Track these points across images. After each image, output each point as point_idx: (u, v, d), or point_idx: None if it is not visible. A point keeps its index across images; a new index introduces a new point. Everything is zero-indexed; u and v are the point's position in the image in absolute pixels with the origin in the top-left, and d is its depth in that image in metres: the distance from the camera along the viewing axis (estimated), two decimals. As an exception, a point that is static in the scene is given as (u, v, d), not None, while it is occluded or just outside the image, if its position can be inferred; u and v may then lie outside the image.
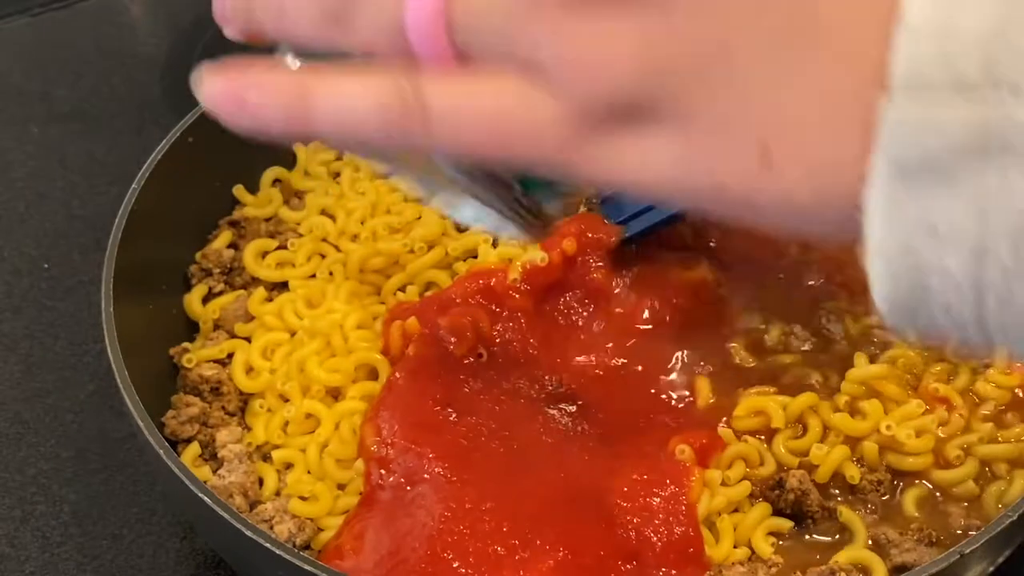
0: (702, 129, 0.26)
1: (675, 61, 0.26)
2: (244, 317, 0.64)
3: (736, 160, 0.26)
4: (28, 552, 0.60)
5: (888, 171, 0.24)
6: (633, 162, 0.27)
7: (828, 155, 0.25)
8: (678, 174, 0.27)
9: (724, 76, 0.26)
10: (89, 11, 0.99)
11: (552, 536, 0.52)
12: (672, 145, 0.27)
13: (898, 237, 0.25)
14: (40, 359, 0.70)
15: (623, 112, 0.27)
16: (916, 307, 0.26)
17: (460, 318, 0.59)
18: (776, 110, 0.26)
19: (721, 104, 0.26)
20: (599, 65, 0.26)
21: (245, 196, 0.70)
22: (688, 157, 0.27)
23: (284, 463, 0.58)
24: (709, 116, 0.26)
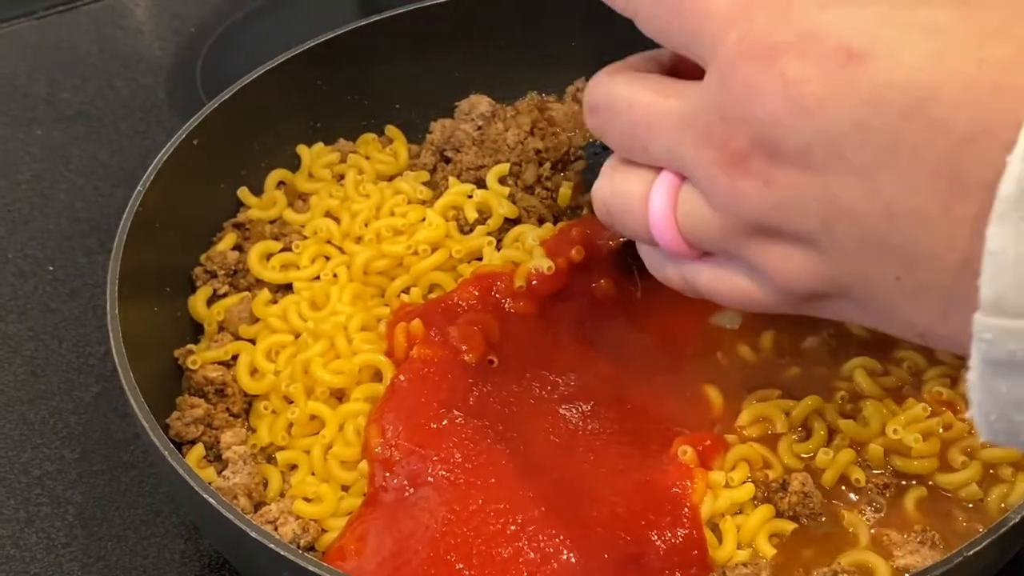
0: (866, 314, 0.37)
1: (836, 281, 0.36)
2: (248, 319, 0.65)
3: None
4: (33, 553, 0.61)
5: (982, 363, 0.31)
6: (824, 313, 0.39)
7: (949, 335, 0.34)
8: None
9: (866, 294, 0.35)
10: (94, 14, 0.99)
11: (556, 539, 0.52)
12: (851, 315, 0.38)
13: (993, 406, 0.32)
14: (45, 361, 0.71)
15: (809, 296, 0.37)
16: (1009, 440, 0.33)
17: (470, 326, 0.59)
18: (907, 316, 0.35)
19: (871, 311, 0.37)
20: (788, 276, 0.36)
21: (249, 198, 0.71)
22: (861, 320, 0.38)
23: (288, 465, 0.58)
24: (865, 313, 0.37)
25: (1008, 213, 0.29)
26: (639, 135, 0.39)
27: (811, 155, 0.33)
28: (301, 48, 0.72)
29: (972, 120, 0.31)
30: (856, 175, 0.33)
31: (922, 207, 0.32)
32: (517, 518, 0.53)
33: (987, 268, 0.30)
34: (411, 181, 0.72)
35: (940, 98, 0.31)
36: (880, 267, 0.34)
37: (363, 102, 0.76)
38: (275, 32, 0.96)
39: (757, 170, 0.35)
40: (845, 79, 0.32)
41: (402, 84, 0.76)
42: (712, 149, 0.36)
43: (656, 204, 0.39)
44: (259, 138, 0.72)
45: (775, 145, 0.34)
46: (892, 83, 0.32)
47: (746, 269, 0.38)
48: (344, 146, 0.75)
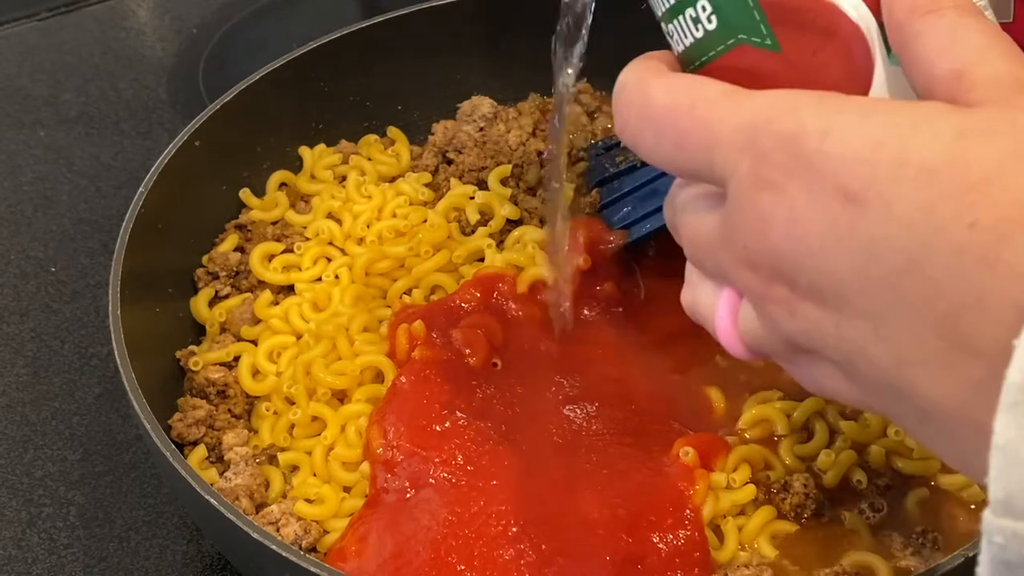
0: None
1: (874, 407, 0.35)
2: (250, 320, 0.65)
3: None
4: (35, 554, 0.61)
5: (993, 563, 0.28)
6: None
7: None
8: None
9: (902, 425, 0.34)
10: (96, 15, 0.99)
11: (557, 539, 0.52)
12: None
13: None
14: (47, 362, 0.71)
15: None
16: None
17: (473, 329, 0.59)
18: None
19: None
20: (833, 392, 0.35)
21: (251, 200, 0.71)
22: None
23: (290, 466, 0.58)
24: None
25: (1018, 404, 0.27)
26: (697, 254, 0.39)
27: (822, 293, 0.32)
28: (303, 49, 0.72)
29: (965, 290, 0.29)
30: (864, 319, 0.31)
31: (928, 362, 0.30)
32: (518, 520, 0.53)
33: (995, 465, 0.28)
34: (413, 182, 0.72)
35: (933, 261, 0.29)
36: (901, 409, 0.33)
37: (365, 103, 0.76)
38: (277, 34, 0.96)
39: (781, 298, 0.34)
40: (844, 224, 0.31)
41: (404, 85, 0.76)
42: (746, 271, 0.35)
43: (720, 320, 0.39)
44: (261, 139, 0.72)
45: (790, 278, 0.33)
46: (887, 237, 0.30)
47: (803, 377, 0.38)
48: (346, 147, 0.75)
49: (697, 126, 0.35)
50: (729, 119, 0.34)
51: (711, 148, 0.35)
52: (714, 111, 0.35)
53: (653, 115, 0.37)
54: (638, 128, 0.38)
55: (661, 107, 0.37)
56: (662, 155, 0.37)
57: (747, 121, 0.34)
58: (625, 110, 0.38)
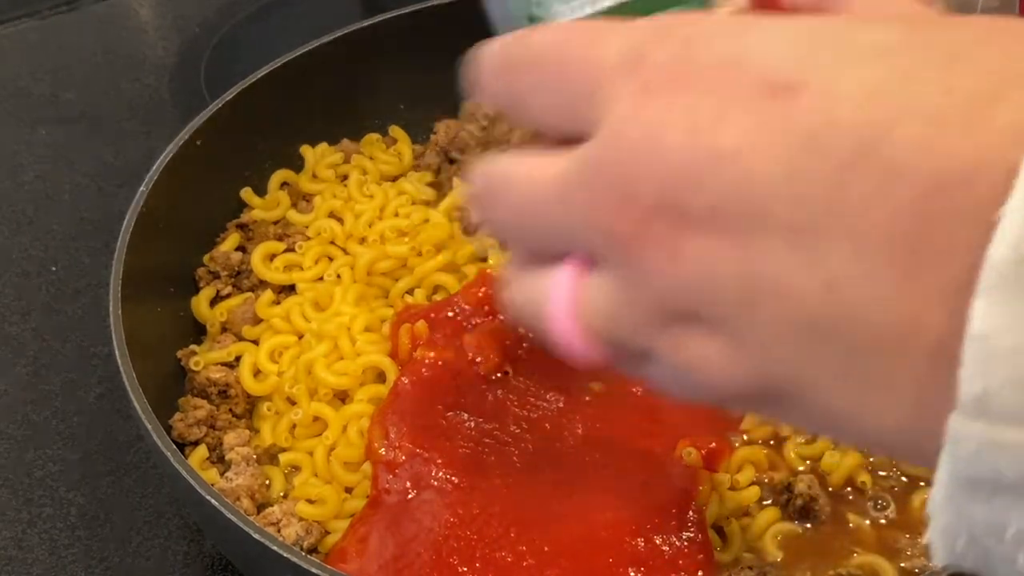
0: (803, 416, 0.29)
1: (762, 380, 0.28)
2: (252, 320, 0.64)
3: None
4: (35, 555, 0.60)
5: (954, 480, 0.24)
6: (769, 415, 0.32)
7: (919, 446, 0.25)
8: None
9: (804, 396, 0.27)
10: (98, 14, 0.99)
11: (559, 541, 0.52)
12: (796, 420, 0.30)
13: (962, 530, 0.25)
14: (48, 361, 0.70)
15: (739, 398, 0.29)
16: (978, 567, 0.25)
17: (486, 335, 0.59)
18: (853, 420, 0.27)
19: (816, 417, 0.28)
20: (706, 375, 0.28)
21: (253, 199, 0.71)
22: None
23: (291, 466, 0.58)
24: (810, 419, 0.29)
25: (1002, 285, 0.22)
26: (525, 218, 0.31)
27: (726, 215, 0.26)
28: (305, 48, 0.72)
29: (940, 166, 0.23)
30: (784, 239, 0.25)
31: (874, 278, 0.24)
32: (520, 521, 0.52)
33: (970, 357, 0.23)
34: (415, 182, 0.71)
35: (894, 138, 0.24)
36: (818, 361, 0.26)
37: (367, 102, 0.76)
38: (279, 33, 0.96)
39: (660, 239, 0.27)
40: (770, 119, 0.25)
41: (406, 84, 0.76)
42: (605, 216, 0.28)
43: (554, 305, 0.31)
44: (262, 139, 0.72)
45: (681, 205, 0.26)
46: (831, 122, 0.25)
47: (671, 368, 0.30)
48: (348, 146, 0.75)
49: (580, 52, 0.30)
50: (615, 41, 0.29)
51: (594, 74, 0.29)
52: (599, 33, 0.30)
53: (536, 54, 0.31)
54: (520, 76, 0.32)
55: (543, 43, 0.31)
56: (542, 100, 0.31)
57: (637, 39, 0.28)
58: (506, 62, 0.32)
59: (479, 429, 0.56)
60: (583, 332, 0.31)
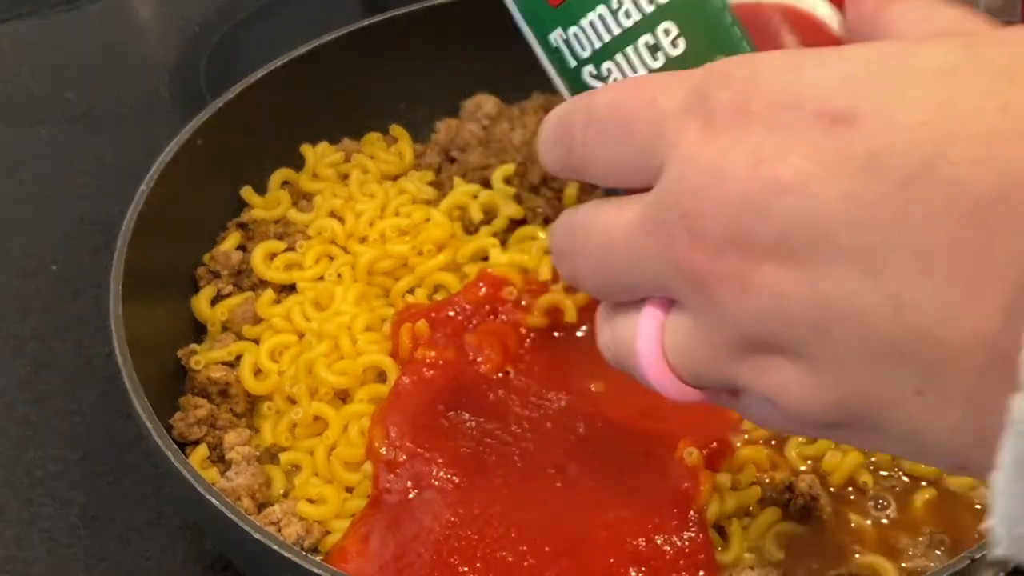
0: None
1: (843, 405, 0.28)
2: (252, 319, 0.64)
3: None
4: (36, 554, 0.60)
5: (1018, 465, 0.24)
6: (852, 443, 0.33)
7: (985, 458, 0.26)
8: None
9: (884, 418, 0.28)
10: (98, 13, 0.99)
11: (560, 541, 0.52)
12: (879, 446, 0.31)
13: (1015, 520, 0.25)
14: (48, 361, 0.70)
15: (823, 425, 0.30)
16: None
17: (488, 336, 0.59)
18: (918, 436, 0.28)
19: (897, 438, 0.29)
20: (789, 402, 0.29)
21: (253, 198, 0.70)
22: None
23: (292, 465, 0.58)
24: (892, 441, 0.29)
25: None
26: (605, 265, 0.32)
27: (792, 244, 0.27)
28: (306, 48, 0.72)
29: (997, 177, 0.24)
30: (850, 263, 0.26)
31: (940, 294, 0.25)
32: (521, 521, 0.52)
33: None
34: (416, 181, 0.71)
35: (951, 156, 0.25)
36: (893, 381, 0.27)
37: (368, 101, 0.75)
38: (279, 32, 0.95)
39: (729, 272, 0.28)
40: (830, 148, 0.26)
41: (407, 83, 0.76)
42: (676, 254, 0.29)
43: (642, 346, 0.32)
44: (263, 138, 0.72)
45: (748, 237, 0.27)
46: (889, 145, 0.25)
47: (758, 399, 0.31)
48: (348, 146, 0.75)
49: (643, 104, 0.31)
50: (676, 88, 0.30)
51: (658, 122, 0.30)
52: (660, 83, 0.31)
53: (598, 115, 0.32)
54: (584, 138, 0.33)
55: (604, 104, 0.32)
56: (610, 154, 0.32)
57: (697, 83, 0.29)
58: (568, 127, 0.33)
59: (480, 429, 0.56)
60: (670, 366, 0.32)
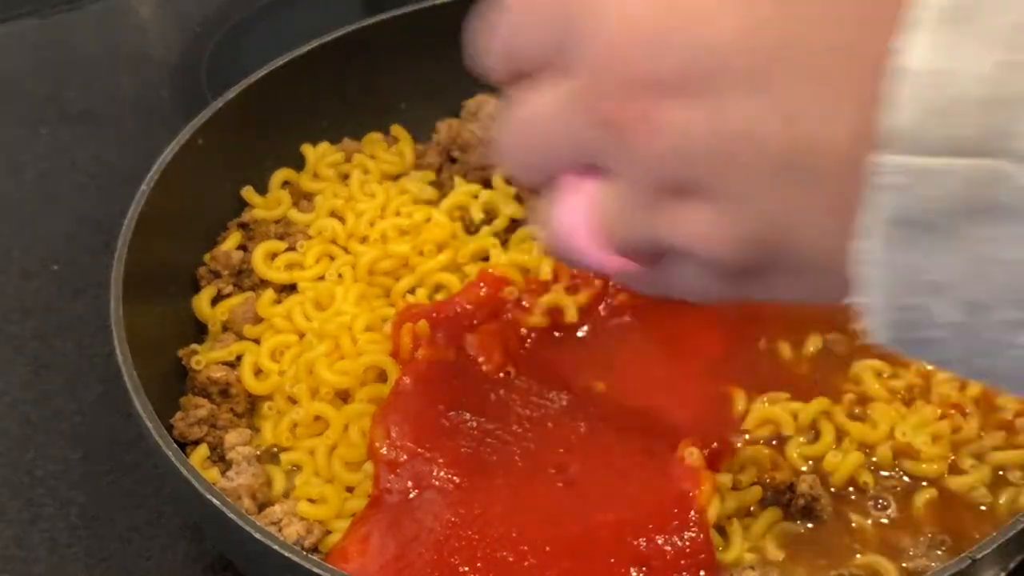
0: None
1: (753, 239, 0.30)
2: (253, 319, 0.64)
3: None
4: (36, 554, 0.60)
5: (882, 226, 0.25)
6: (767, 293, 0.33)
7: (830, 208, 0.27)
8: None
9: (788, 246, 0.29)
10: (99, 13, 0.99)
11: (561, 541, 0.52)
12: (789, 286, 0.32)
13: (899, 287, 0.26)
14: (49, 361, 0.70)
15: (742, 271, 0.31)
16: (907, 343, 0.28)
17: (489, 336, 0.59)
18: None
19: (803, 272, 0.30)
20: (703, 245, 0.30)
21: (254, 198, 0.70)
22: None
23: (292, 465, 0.58)
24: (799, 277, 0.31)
25: (928, 18, 0.24)
26: (535, 140, 0.34)
27: (691, 77, 0.28)
28: (306, 47, 0.72)
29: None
30: (742, 86, 0.28)
31: (821, 98, 0.27)
32: (521, 522, 0.52)
33: (902, 88, 0.24)
34: (417, 181, 0.71)
35: None
36: (793, 198, 0.28)
37: (368, 101, 0.75)
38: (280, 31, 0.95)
39: (637, 113, 0.29)
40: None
41: (408, 83, 0.76)
42: (589, 103, 0.30)
43: (564, 215, 0.33)
44: (264, 137, 0.72)
45: (653, 76, 0.29)
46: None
47: (678, 259, 0.32)
48: (349, 145, 0.74)
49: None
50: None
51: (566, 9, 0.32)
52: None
53: (512, 17, 0.35)
54: (505, 38, 0.35)
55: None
56: (528, 45, 0.34)
57: None
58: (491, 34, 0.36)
59: (481, 429, 0.56)
60: (599, 237, 0.33)
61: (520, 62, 0.35)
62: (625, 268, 0.34)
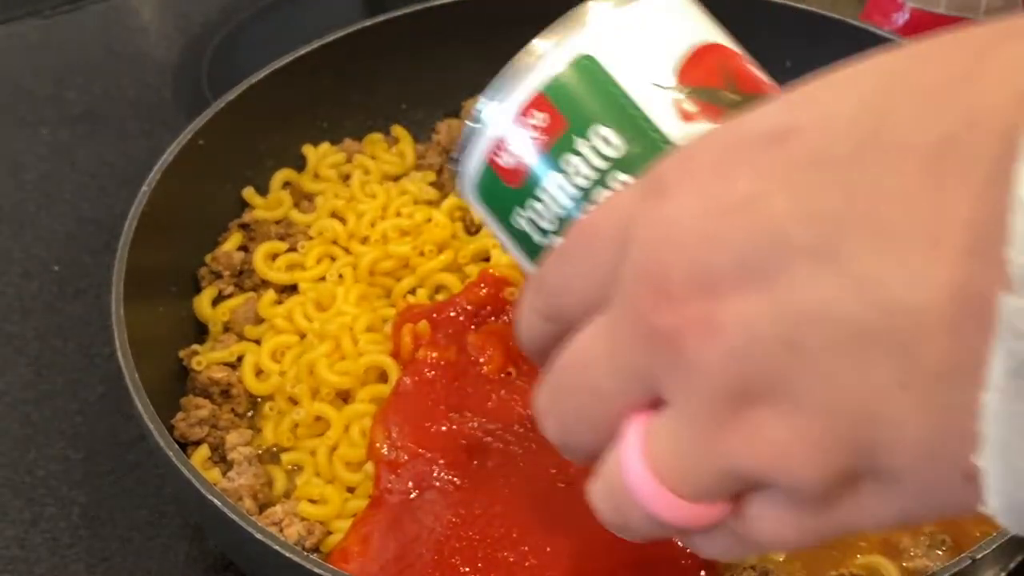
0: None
1: (838, 443, 0.25)
2: (254, 319, 0.64)
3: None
4: (38, 554, 0.60)
5: (1004, 379, 0.22)
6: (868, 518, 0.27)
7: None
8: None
9: (878, 444, 0.25)
10: (100, 13, 0.99)
11: (562, 543, 0.52)
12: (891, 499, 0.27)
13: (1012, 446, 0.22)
14: (50, 361, 0.70)
15: (828, 493, 0.27)
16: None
17: (490, 335, 0.59)
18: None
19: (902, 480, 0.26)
20: (782, 463, 0.26)
21: (255, 198, 0.70)
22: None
23: (293, 465, 0.58)
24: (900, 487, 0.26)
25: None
26: (586, 381, 0.29)
27: (751, 264, 0.25)
28: (307, 48, 0.72)
29: (945, 121, 0.23)
30: (806, 261, 0.24)
31: (900, 259, 0.23)
32: (522, 522, 0.52)
33: (1020, 223, 0.21)
34: (417, 181, 0.71)
35: (894, 119, 0.24)
36: (875, 380, 0.24)
37: (369, 102, 0.76)
38: (281, 32, 0.95)
39: (696, 317, 0.26)
40: (774, 162, 0.25)
41: (408, 84, 0.76)
42: (645, 319, 0.27)
43: (626, 463, 0.28)
44: (265, 138, 0.72)
45: (709, 273, 0.26)
46: (830, 137, 0.25)
47: (756, 496, 0.28)
48: (350, 146, 0.75)
49: (602, 216, 0.30)
50: (618, 204, 0.30)
51: (617, 217, 0.29)
52: (606, 204, 0.30)
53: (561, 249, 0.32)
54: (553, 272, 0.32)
55: (564, 239, 0.32)
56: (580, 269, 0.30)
57: (641, 183, 0.29)
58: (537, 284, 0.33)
59: (482, 429, 0.56)
60: (664, 484, 0.28)
61: (563, 315, 0.31)
62: (700, 517, 0.28)
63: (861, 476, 0.26)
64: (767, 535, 0.28)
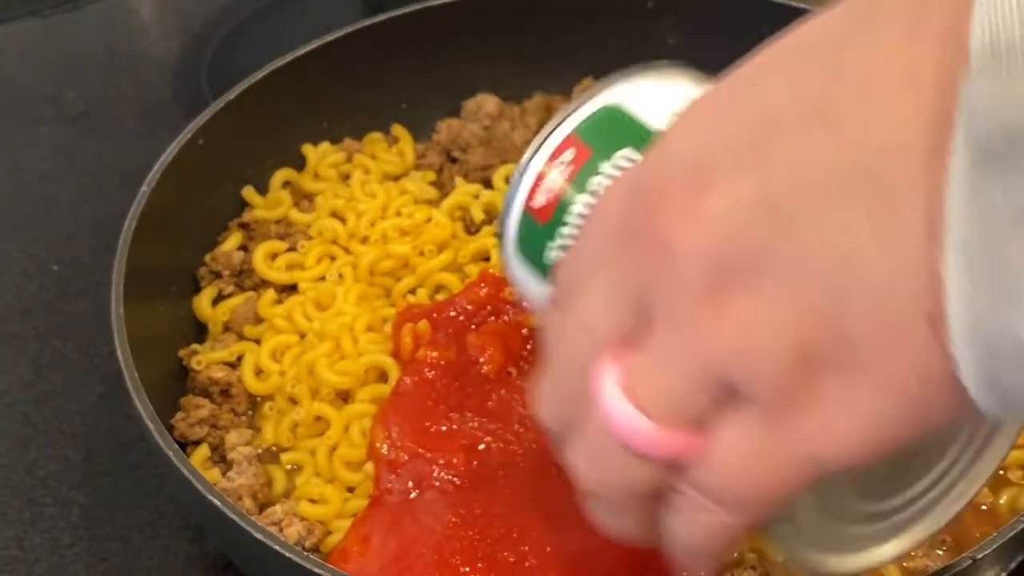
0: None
1: (807, 329, 0.26)
2: (254, 319, 0.64)
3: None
4: (37, 554, 0.60)
5: (971, 157, 0.22)
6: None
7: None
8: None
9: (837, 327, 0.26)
10: (99, 13, 0.99)
11: (562, 543, 0.52)
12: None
13: (982, 234, 0.23)
14: (49, 361, 0.70)
15: (797, 378, 0.27)
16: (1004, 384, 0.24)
17: (491, 336, 0.59)
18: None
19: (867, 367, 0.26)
20: (758, 334, 0.27)
21: (255, 198, 0.70)
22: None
23: (293, 465, 0.58)
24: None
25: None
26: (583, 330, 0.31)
27: (743, 148, 0.27)
28: (307, 48, 0.72)
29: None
30: (795, 132, 0.26)
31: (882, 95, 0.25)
32: (523, 522, 0.52)
33: (979, 10, 0.22)
34: (417, 181, 0.71)
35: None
36: (847, 225, 0.25)
37: (369, 102, 0.75)
38: (281, 32, 0.95)
39: (688, 211, 0.27)
40: (765, 57, 0.28)
41: (408, 83, 0.76)
42: (642, 233, 0.28)
43: (604, 397, 0.30)
44: (264, 138, 0.72)
45: (702, 169, 0.27)
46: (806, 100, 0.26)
47: (724, 422, 0.28)
48: (350, 146, 0.74)
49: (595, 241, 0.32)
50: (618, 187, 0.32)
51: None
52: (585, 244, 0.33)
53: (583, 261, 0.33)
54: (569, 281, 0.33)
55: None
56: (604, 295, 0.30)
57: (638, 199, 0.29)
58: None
59: (482, 429, 0.56)
60: (641, 410, 0.29)
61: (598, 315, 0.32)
62: (677, 444, 0.29)
63: (822, 367, 0.26)
64: (735, 472, 0.28)
